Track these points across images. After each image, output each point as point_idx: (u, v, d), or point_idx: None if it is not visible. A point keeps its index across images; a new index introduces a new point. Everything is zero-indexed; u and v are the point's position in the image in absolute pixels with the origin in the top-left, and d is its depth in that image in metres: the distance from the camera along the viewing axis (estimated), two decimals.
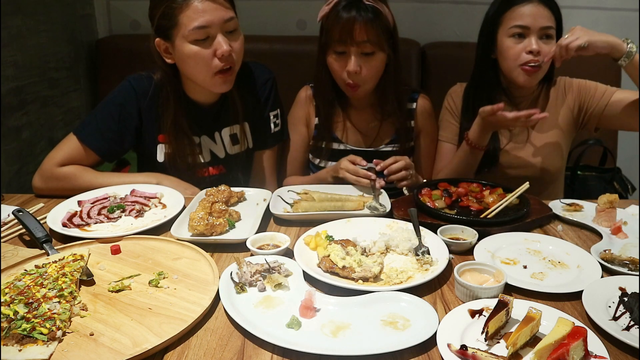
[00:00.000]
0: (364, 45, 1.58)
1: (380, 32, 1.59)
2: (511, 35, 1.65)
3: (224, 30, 1.49)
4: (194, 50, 1.48)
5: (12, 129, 2.05)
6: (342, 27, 1.57)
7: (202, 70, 1.52)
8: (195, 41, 1.47)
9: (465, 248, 1.25)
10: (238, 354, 0.90)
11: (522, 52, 1.64)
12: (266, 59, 1.87)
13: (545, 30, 1.63)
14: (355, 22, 1.55)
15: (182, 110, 1.62)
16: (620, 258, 1.19)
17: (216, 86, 1.57)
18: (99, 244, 1.25)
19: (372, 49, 1.60)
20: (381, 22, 1.59)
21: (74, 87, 2.49)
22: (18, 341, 0.89)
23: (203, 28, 1.46)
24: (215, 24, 1.47)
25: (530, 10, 1.62)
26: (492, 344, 0.90)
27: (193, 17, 1.45)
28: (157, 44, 1.54)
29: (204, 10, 1.45)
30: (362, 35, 1.57)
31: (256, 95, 1.76)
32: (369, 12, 1.56)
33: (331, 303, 1.01)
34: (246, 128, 1.76)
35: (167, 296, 1.04)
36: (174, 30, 1.48)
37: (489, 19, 1.73)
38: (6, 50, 1.99)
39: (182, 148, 1.65)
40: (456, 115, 1.86)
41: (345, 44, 1.60)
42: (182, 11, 1.45)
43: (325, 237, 1.25)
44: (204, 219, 1.28)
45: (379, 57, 1.63)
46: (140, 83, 1.62)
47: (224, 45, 1.48)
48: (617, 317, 0.96)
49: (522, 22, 1.62)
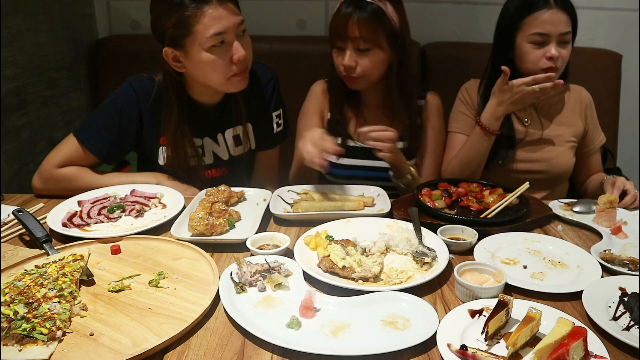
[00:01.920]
0: (357, 41, 1.62)
1: (378, 30, 1.60)
2: (531, 42, 1.67)
3: (237, 34, 1.50)
4: (212, 58, 1.48)
5: (12, 129, 2.05)
6: (339, 22, 1.63)
7: (218, 76, 1.52)
8: (211, 48, 1.47)
9: (465, 248, 1.25)
10: (238, 354, 0.90)
11: (542, 57, 1.66)
12: (266, 59, 1.86)
13: (563, 37, 1.65)
14: (349, 19, 1.59)
15: (184, 113, 1.62)
16: (620, 258, 1.19)
17: (232, 86, 1.58)
18: (99, 244, 1.25)
19: (365, 45, 1.62)
20: (379, 21, 1.60)
21: (74, 87, 2.49)
22: (18, 341, 0.89)
23: (220, 34, 1.45)
24: (230, 29, 1.47)
25: (550, 18, 1.64)
26: (492, 344, 0.90)
27: (209, 24, 1.44)
28: (165, 53, 1.52)
29: (220, 17, 1.44)
30: (354, 32, 1.60)
31: (259, 95, 1.75)
32: (365, 10, 1.59)
33: (331, 303, 1.01)
34: (249, 129, 1.76)
35: (167, 296, 1.04)
36: (188, 39, 1.46)
37: (508, 21, 1.73)
38: (6, 50, 1.99)
39: (183, 151, 1.64)
40: (471, 107, 1.87)
41: (341, 39, 1.65)
42: (196, 19, 1.43)
43: (325, 237, 1.25)
44: (204, 219, 1.28)
45: (376, 54, 1.64)
46: (141, 85, 1.61)
47: (240, 51, 1.49)
48: (617, 317, 0.96)
49: (542, 30, 1.64)
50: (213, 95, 1.66)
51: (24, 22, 2.09)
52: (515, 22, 1.70)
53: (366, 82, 1.72)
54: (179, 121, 1.60)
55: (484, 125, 1.69)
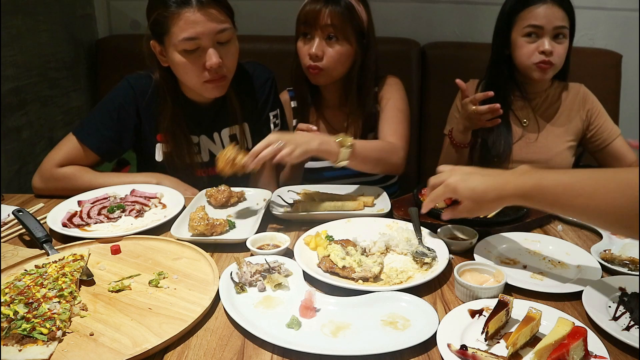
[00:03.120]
0: (327, 29, 1.66)
1: (347, 23, 1.66)
2: (525, 35, 1.69)
3: (215, 42, 1.47)
4: (183, 61, 1.47)
5: (12, 129, 2.05)
6: (309, 10, 1.68)
7: (191, 78, 1.52)
8: (184, 51, 1.46)
9: (465, 248, 1.25)
10: (238, 354, 0.90)
11: (535, 51, 1.67)
12: (266, 59, 1.86)
13: (558, 30, 1.66)
14: (322, 7, 1.65)
15: (179, 109, 1.62)
16: (620, 258, 1.19)
17: (207, 92, 1.57)
18: (99, 244, 1.25)
19: (335, 33, 1.67)
20: (350, 14, 1.66)
21: (74, 87, 2.49)
22: (18, 341, 0.89)
23: (192, 40, 1.43)
24: (205, 36, 1.44)
25: (544, 11, 1.65)
26: (492, 344, 0.90)
27: (183, 27, 1.42)
28: (152, 46, 1.54)
29: (195, 22, 1.42)
30: (325, 19, 1.65)
31: (255, 96, 1.76)
32: (338, 2, 1.65)
33: (331, 303, 1.01)
34: (246, 129, 1.76)
35: (167, 296, 1.04)
36: (166, 37, 1.47)
37: (504, 17, 1.75)
38: (6, 50, 1.99)
39: (180, 147, 1.64)
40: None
41: (310, 26, 1.69)
42: (173, 20, 1.43)
43: (325, 237, 1.25)
44: (204, 219, 1.28)
45: (343, 46, 1.69)
46: (138, 82, 1.63)
47: (213, 58, 1.45)
48: (617, 317, 0.96)
49: (535, 22, 1.66)
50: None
51: (24, 22, 2.09)
52: (512, 17, 1.72)
53: (329, 77, 1.74)
54: (173, 116, 1.61)
55: (454, 139, 1.73)
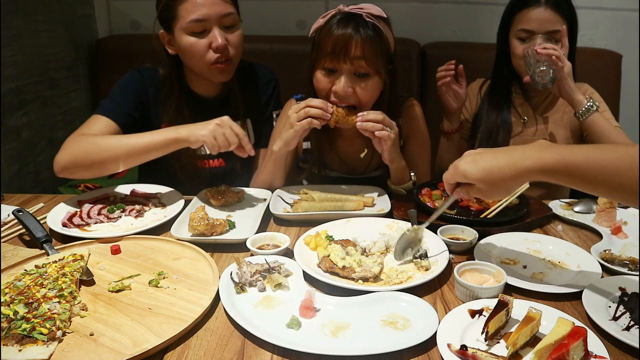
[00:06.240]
0: (359, 63, 1.40)
1: (379, 53, 1.41)
2: (518, 37, 1.70)
3: (221, 25, 1.54)
4: (191, 42, 1.53)
5: (12, 129, 2.05)
6: (336, 40, 1.39)
7: (199, 61, 1.56)
8: (192, 33, 1.52)
9: (465, 248, 1.25)
10: (238, 354, 0.90)
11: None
12: (266, 59, 1.87)
13: (550, 35, 1.65)
14: (352, 37, 1.38)
15: (184, 100, 1.66)
16: (620, 258, 1.19)
17: (214, 75, 1.60)
18: (99, 244, 1.25)
19: (367, 69, 1.41)
20: (381, 43, 1.42)
21: (74, 87, 2.49)
22: (18, 341, 0.89)
23: (200, 21, 1.51)
24: (212, 18, 1.51)
25: (537, 15, 1.65)
26: (492, 344, 0.90)
27: (191, 9, 1.50)
28: (161, 36, 1.60)
29: (202, 4, 1.50)
30: (358, 52, 1.39)
31: (259, 95, 1.79)
32: (369, 28, 1.39)
33: (331, 303, 1.01)
34: (249, 124, 1.78)
35: (167, 296, 1.04)
36: (174, 22, 1.54)
37: (504, 17, 1.78)
38: (6, 50, 1.99)
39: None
40: (468, 110, 1.89)
41: (337, 60, 1.41)
42: (181, 4, 1.51)
43: (325, 237, 1.25)
44: (204, 219, 1.28)
45: (374, 81, 1.45)
46: (147, 72, 1.67)
47: (218, 39, 1.52)
48: (617, 317, 0.96)
49: (528, 27, 1.67)
50: (211, 87, 1.69)
51: (24, 22, 2.09)
52: (509, 18, 1.74)
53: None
54: (178, 107, 1.63)
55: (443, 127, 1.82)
